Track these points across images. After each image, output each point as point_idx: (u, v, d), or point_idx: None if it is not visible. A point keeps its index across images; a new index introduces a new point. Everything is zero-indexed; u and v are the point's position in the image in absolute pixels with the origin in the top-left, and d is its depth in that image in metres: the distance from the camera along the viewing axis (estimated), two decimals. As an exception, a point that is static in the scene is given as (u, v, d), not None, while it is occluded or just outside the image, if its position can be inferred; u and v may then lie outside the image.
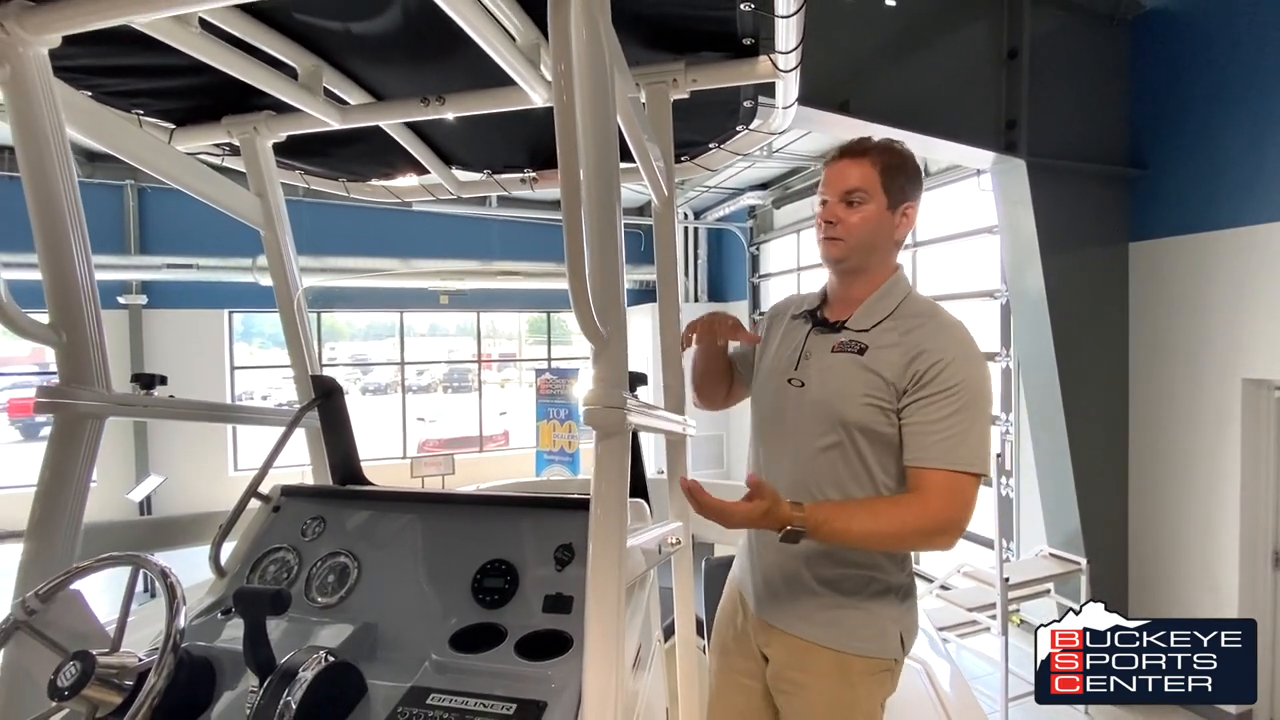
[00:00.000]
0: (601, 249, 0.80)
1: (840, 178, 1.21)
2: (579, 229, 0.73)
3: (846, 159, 1.21)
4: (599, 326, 0.77)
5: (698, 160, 1.65)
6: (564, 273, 0.73)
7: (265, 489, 1.34)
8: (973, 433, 1.10)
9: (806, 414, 1.22)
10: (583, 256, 0.73)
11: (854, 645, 1.21)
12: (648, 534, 1.09)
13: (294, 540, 1.29)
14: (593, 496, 0.79)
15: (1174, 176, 3.74)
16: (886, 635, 1.22)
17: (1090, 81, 3.87)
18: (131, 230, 7.44)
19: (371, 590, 1.19)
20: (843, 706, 1.21)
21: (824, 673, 1.21)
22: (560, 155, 0.73)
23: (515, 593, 1.12)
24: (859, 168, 1.19)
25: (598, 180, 0.80)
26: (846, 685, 1.20)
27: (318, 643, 1.06)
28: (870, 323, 1.21)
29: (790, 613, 1.25)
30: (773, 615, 1.28)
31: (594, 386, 0.81)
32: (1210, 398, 3.57)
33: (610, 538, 0.79)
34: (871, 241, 1.22)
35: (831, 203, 1.22)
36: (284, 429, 1.41)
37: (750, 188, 7.63)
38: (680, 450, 1.40)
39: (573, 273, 0.72)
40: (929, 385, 1.12)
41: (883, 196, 1.19)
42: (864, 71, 3.23)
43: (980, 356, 1.17)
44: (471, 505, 1.27)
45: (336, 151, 1.67)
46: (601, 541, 0.78)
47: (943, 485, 1.10)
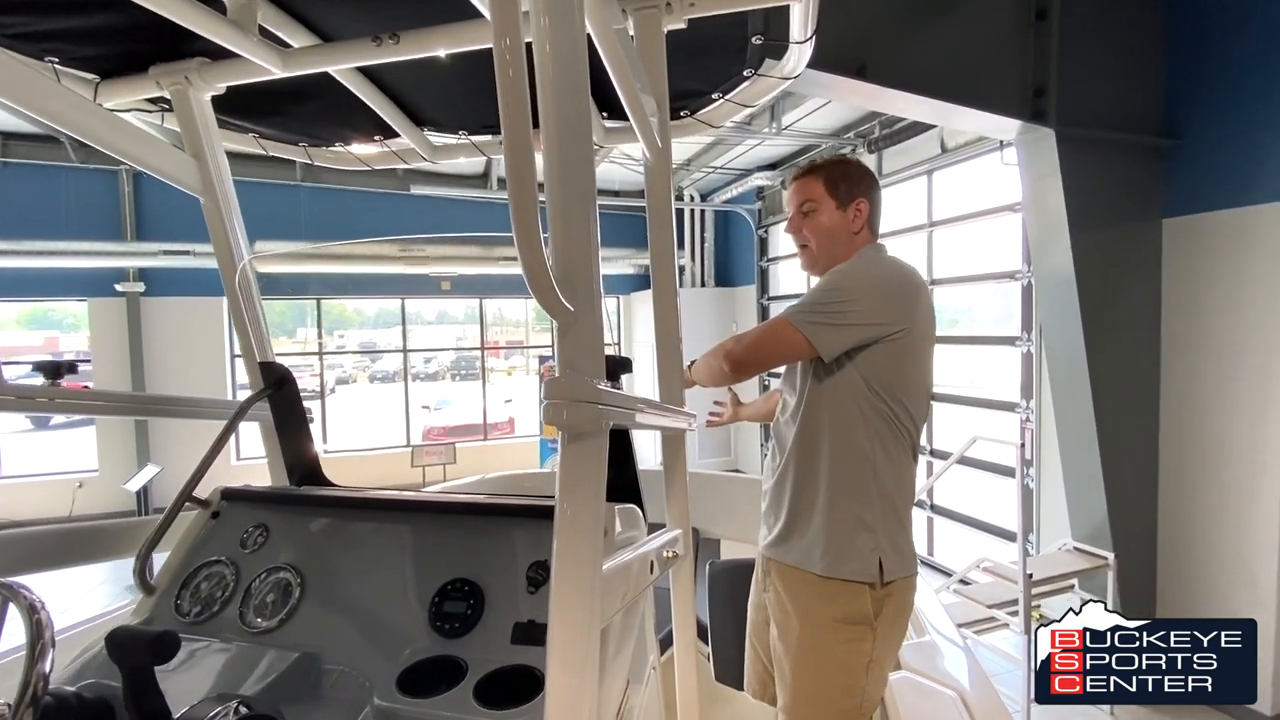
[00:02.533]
0: (565, 195, 0.62)
1: (794, 195, 1.43)
2: (528, 166, 0.54)
3: (797, 181, 1.43)
4: (561, 298, 0.59)
5: (700, 115, 1.44)
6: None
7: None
8: (809, 300, 1.30)
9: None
10: (534, 204, 0.55)
11: (836, 569, 1.27)
12: (640, 548, 0.91)
13: (232, 552, 1.12)
14: (556, 524, 0.61)
15: (1211, 148, 3.49)
16: (865, 559, 1.26)
17: (1124, 46, 3.60)
18: (128, 216, 7.31)
19: (315, 613, 1.02)
20: (815, 647, 1.28)
21: (795, 600, 1.32)
22: (498, 70, 0.53)
23: (479, 619, 0.94)
24: (807, 184, 1.41)
25: (563, 112, 0.61)
26: (821, 625, 1.27)
27: (253, 674, 0.89)
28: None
29: (780, 547, 1.36)
30: (771, 550, 1.39)
31: (558, 375, 0.62)
32: (1248, 384, 3.35)
33: (577, 575, 0.61)
34: (832, 241, 1.41)
35: (793, 215, 1.44)
36: (226, 423, 1.23)
37: (758, 168, 7.36)
38: (679, 446, 1.21)
39: (521, 224, 0.54)
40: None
41: (830, 201, 1.39)
42: (882, 33, 2.99)
43: (865, 273, 1.32)
44: (434, 513, 1.09)
45: (290, 109, 1.48)
46: (567, 579, 0.60)
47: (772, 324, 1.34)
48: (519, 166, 0.53)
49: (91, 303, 7.40)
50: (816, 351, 1.26)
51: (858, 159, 1.43)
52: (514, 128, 0.53)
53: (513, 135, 0.53)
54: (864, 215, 1.41)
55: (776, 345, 1.31)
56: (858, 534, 1.28)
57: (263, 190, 7.32)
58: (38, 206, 6.91)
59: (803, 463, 1.34)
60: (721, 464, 8.38)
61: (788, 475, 1.36)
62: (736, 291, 8.64)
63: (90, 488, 7.36)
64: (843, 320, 1.25)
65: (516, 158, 0.54)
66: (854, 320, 1.26)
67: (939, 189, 5.48)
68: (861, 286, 1.28)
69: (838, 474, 1.30)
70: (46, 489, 7.39)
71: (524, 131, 0.54)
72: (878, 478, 1.30)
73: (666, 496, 1.20)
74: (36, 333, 13.74)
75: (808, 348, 1.26)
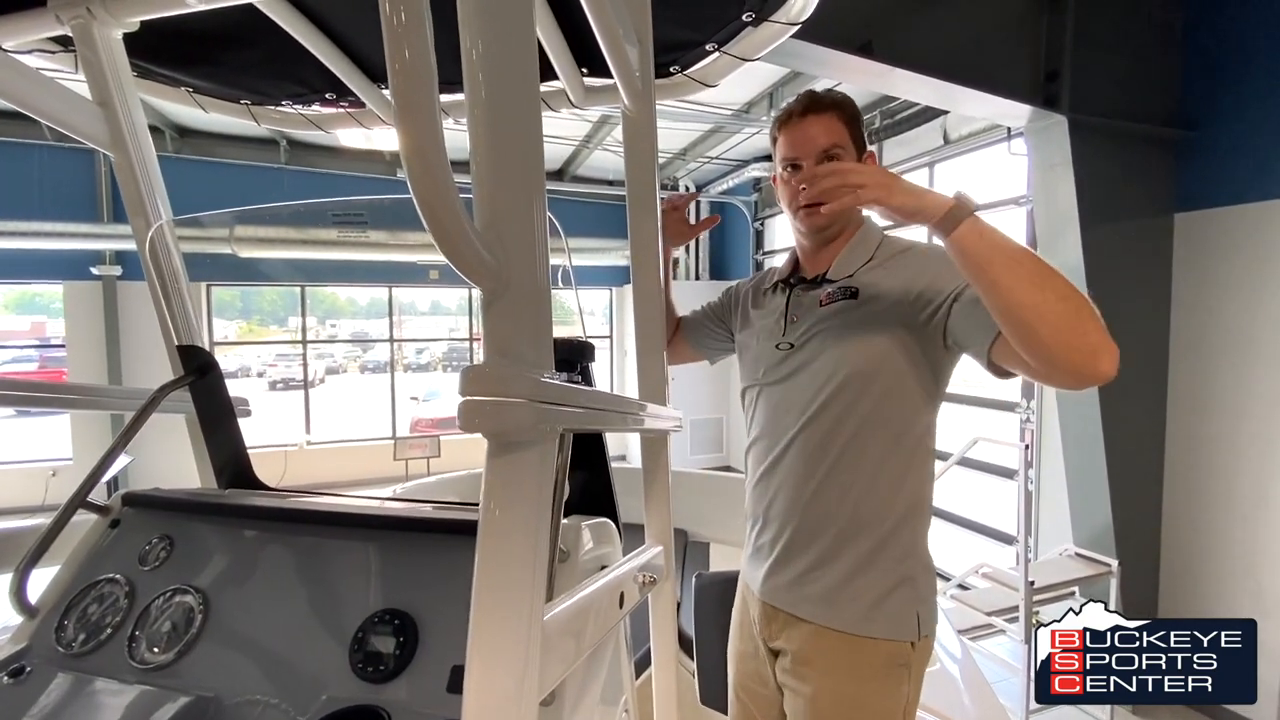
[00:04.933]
0: (494, 111, 0.45)
1: (811, 137, 1.10)
2: (421, 31, 0.37)
3: (812, 115, 1.10)
4: (483, 252, 0.42)
5: (692, 71, 1.26)
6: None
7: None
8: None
9: (804, 376, 1.10)
10: (434, 101, 0.38)
11: (864, 627, 1.05)
12: (607, 576, 0.74)
13: (129, 569, 0.95)
14: (477, 562, 0.44)
15: (1226, 141, 3.36)
16: (902, 616, 1.06)
17: (1139, 33, 3.45)
18: (104, 196, 7.04)
19: (218, 646, 0.85)
20: (850, 703, 1.05)
21: (830, 662, 1.07)
22: None
23: (411, 660, 0.77)
24: (827, 122, 1.10)
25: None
26: (854, 678, 1.05)
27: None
28: (853, 268, 1.12)
29: (795, 593, 1.11)
30: (777, 597, 1.13)
31: (482, 361, 0.46)
32: (1259, 385, 3.23)
33: (503, 631, 0.44)
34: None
35: (808, 166, 1.10)
36: (134, 414, 1.06)
37: (755, 159, 7.18)
38: (660, 450, 1.05)
39: (412, 126, 0.37)
40: (940, 296, 0.99)
41: (854, 149, 1.12)
42: (889, 8, 2.81)
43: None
44: (366, 527, 0.92)
45: (225, 58, 1.29)
46: (487, 636, 0.44)
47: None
48: (411, 29, 0.37)
49: (67, 286, 7.15)
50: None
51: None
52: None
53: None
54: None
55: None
56: (900, 586, 1.06)
57: (243, 172, 7.09)
58: (10, 185, 6.66)
59: (833, 487, 1.07)
60: (713, 460, 8.23)
61: (804, 497, 1.09)
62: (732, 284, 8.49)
63: (64, 476, 7.13)
64: None
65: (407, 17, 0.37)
66: None
67: (941, 181, 5.33)
68: None
69: (886, 508, 1.06)
70: (18, 477, 7.16)
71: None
72: (924, 513, 1.09)
73: (645, 508, 1.03)
74: (23, 317, 13.47)
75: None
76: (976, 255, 0.83)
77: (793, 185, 1.12)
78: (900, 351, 1.03)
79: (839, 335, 1.07)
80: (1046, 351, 0.80)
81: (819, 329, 1.10)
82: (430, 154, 0.38)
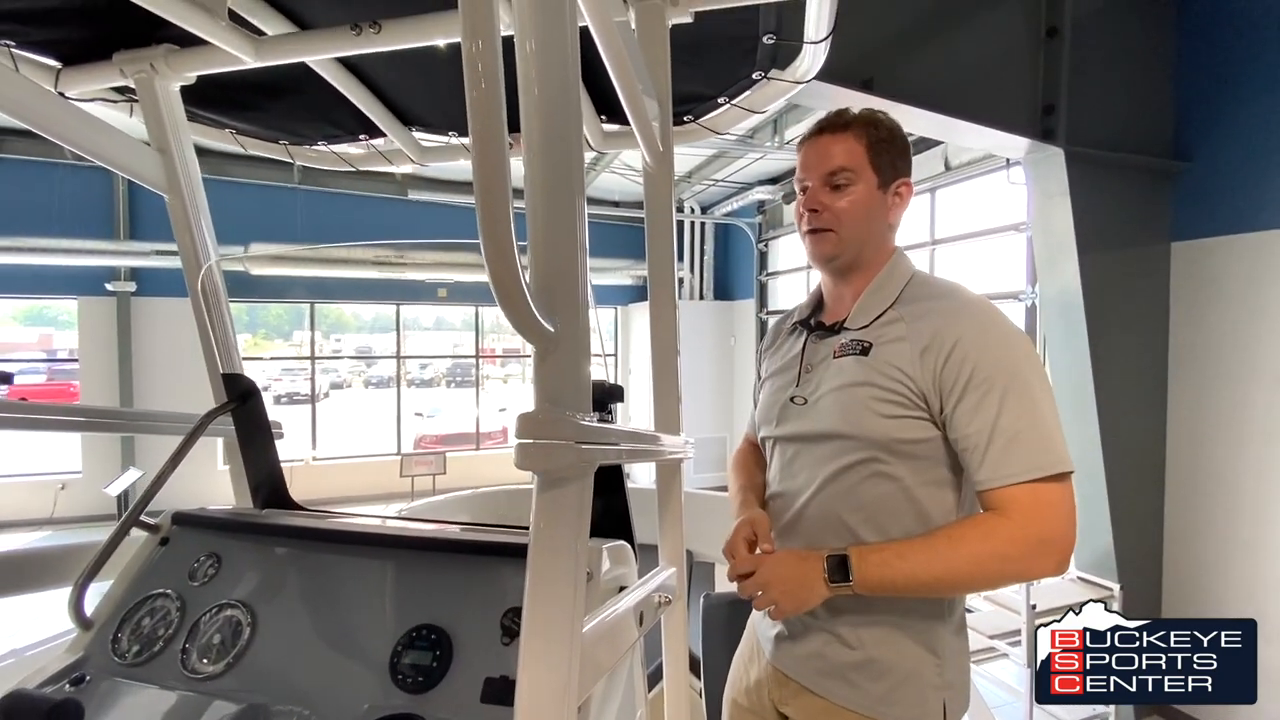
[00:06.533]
0: (548, 194, 0.53)
1: (822, 157, 1.03)
2: (499, 155, 0.45)
3: (827, 134, 1.03)
4: (539, 317, 0.49)
5: (704, 120, 1.36)
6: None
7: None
8: (1035, 426, 0.90)
9: (815, 436, 1.03)
10: (506, 199, 0.46)
11: (883, 711, 0.99)
12: (628, 596, 0.81)
13: (180, 584, 1.02)
14: (528, 580, 0.51)
15: (1221, 171, 3.44)
16: (926, 702, 1.00)
17: (1134, 66, 3.56)
18: (121, 214, 7.21)
19: (266, 657, 0.91)
20: None
21: None
22: (466, 59, 0.45)
23: (446, 673, 0.84)
24: (842, 143, 1.02)
25: (549, 102, 0.52)
26: None
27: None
28: (870, 317, 1.03)
29: (810, 665, 1.05)
30: (790, 665, 1.08)
31: (533, 408, 0.53)
32: (1257, 412, 3.27)
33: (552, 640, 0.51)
34: (864, 229, 1.04)
35: (814, 187, 1.03)
36: (183, 438, 1.13)
37: (759, 182, 7.32)
38: (674, 474, 1.12)
39: (489, 221, 0.45)
40: (958, 385, 0.92)
41: (872, 175, 1.02)
42: (890, 46, 2.93)
43: (1011, 330, 0.97)
44: (399, 548, 0.99)
45: (268, 105, 1.39)
46: (538, 645, 0.51)
47: (1022, 500, 0.89)
48: (488, 152, 0.44)
49: (81, 301, 7.28)
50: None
51: (896, 121, 1.07)
52: (485, 118, 0.44)
53: (483, 126, 0.45)
54: (905, 203, 1.06)
55: (1063, 505, 0.90)
56: (924, 665, 0.99)
57: (258, 192, 7.23)
58: (30, 202, 6.81)
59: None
60: (717, 479, 8.26)
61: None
62: (735, 305, 8.58)
63: (73, 490, 7.20)
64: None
65: (486, 145, 0.45)
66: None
67: (941, 207, 5.43)
68: (1035, 366, 0.95)
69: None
70: (28, 490, 7.23)
71: (497, 120, 0.45)
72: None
73: (659, 530, 1.10)
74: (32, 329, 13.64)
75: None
76: (892, 588, 0.91)
77: (801, 206, 1.07)
78: (901, 419, 0.95)
79: (849, 400, 0.98)
80: (1003, 587, 0.89)
81: (831, 388, 1.02)
82: (503, 240, 0.45)
